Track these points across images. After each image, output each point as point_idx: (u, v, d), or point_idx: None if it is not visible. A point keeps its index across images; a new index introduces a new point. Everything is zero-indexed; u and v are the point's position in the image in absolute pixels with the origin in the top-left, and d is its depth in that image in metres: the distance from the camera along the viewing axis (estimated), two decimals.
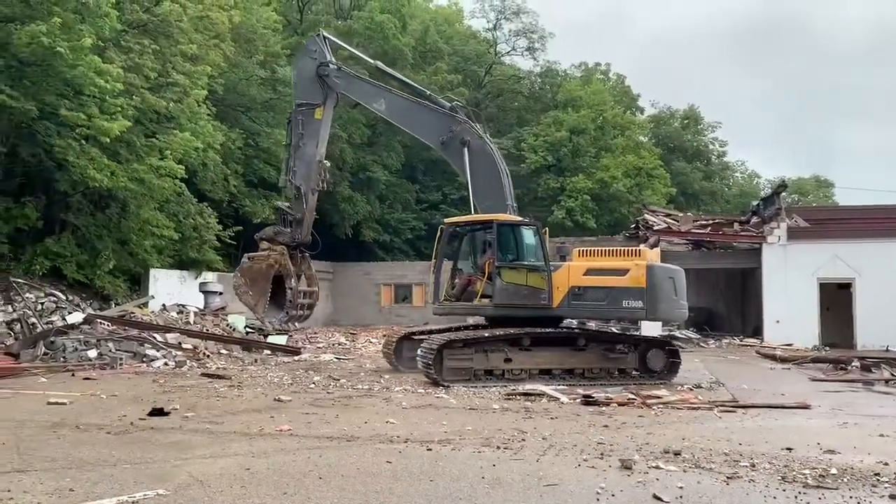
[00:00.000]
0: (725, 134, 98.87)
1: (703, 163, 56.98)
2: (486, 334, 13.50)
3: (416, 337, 15.64)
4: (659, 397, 11.49)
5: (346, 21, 36.56)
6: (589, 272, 13.75)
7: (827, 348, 22.57)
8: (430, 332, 15.33)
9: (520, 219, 14.91)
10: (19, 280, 18.29)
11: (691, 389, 12.96)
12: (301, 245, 15.91)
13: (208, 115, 22.39)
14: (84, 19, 17.01)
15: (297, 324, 17.41)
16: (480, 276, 14.15)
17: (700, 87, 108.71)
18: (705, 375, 15.31)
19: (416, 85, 17.64)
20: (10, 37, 16.39)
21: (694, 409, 10.82)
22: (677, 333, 25.94)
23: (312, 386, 13.08)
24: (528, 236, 14.50)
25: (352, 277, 35.36)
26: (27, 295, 17.94)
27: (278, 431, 8.55)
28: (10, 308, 17.32)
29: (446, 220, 15.32)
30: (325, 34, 16.95)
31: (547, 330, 13.80)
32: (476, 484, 6.17)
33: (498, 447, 7.69)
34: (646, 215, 30.97)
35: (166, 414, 9.54)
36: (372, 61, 18.47)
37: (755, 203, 31.85)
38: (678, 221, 29.97)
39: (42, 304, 18.18)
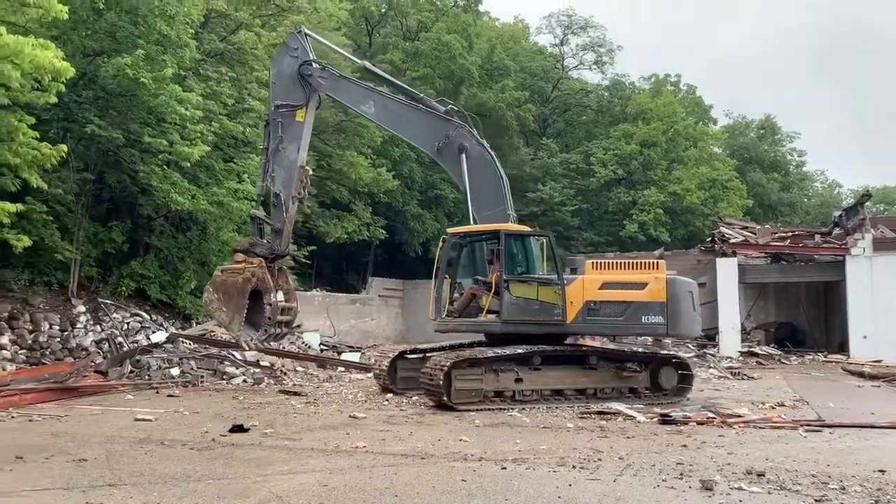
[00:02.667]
0: (804, 144, 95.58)
1: (781, 173, 55.15)
2: (498, 352, 12.46)
3: (409, 356, 14.79)
4: (740, 416, 11.15)
5: (413, 43, 37.09)
6: (605, 286, 12.97)
7: None
8: (424, 351, 14.36)
9: (529, 229, 14.24)
10: (107, 301, 19.11)
11: (774, 408, 12.52)
12: (279, 257, 14.66)
13: None
14: (166, 50, 17.77)
15: (273, 343, 15.95)
16: (485, 290, 13.20)
17: (775, 98, 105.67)
18: (788, 393, 14.78)
19: (408, 87, 16.58)
20: (99, 70, 17.26)
21: (777, 428, 10.45)
22: (757, 350, 25.16)
23: (386, 403, 13.20)
24: (538, 248, 13.75)
25: (422, 295, 35.54)
26: (114, 315, 18.73)
27: (354, 448, 8.66)
28: (98, 328, 18.12)
29: (449, 230, 14.24)
30: (307, 31, 15.81)
31: (558, 347, 13.08)
32: None
33: (573, 467, 7.60)
34: (722, 228, 30.18)
35: (246, 430, 9.79)
36: (359, 61, 17.49)
37: (837, 214, 30.71)
38: (756, 234, 29.10)
39: (128, 323, 18.95)
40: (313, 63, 14.82)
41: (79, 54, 17.09)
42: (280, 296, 14.29)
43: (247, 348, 15.13)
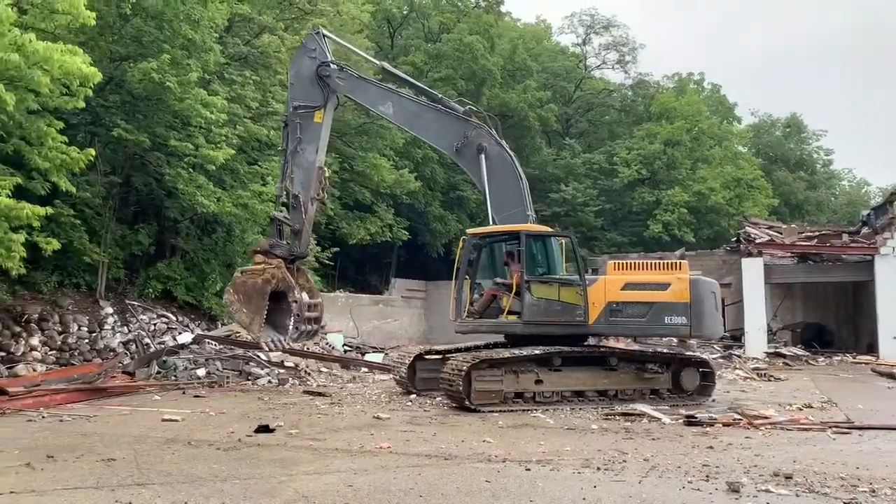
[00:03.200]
0: (831, 142, 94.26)
1: (808, 172, 54.50)
2: (516, 353, 12.37)
3: (428, 357, 14.75)
4: (767, 417, 11.04)
5: (435, 44, 37.15)
6: (627, 286, 12.88)
7: None
8: (442, 352, 14.31)
9: (550, 229, 14.11)
10: (134, 302, 19.36)
11: (801, 409, 12.37)
12: (298, 258, 14.65)
13: None
14: (191, 55, 17.97)
15: (305, 340, 15.94)
16: (505, 291, 13.12)
17: (801, 98, 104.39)
18: (816, 394, 14.59)
19: (426, 88, 16.46)
20: (125, 74, 17.50)
21: (805, 430, 10.33)
22: (784, 350, 24.87)
23: (409, 403, 13.24)
24: (558, 248, 13.68)
25: (444, 296, 35.50)
26: (141, 317, 18.96)
27: (378, 449, 8.70)
28: (126, 329, 18.36)
29: (469, 231, 14.13)
30: (325, 32, 15.66)
31: (576, 348, 12.98)
32: None
33: (598, 468, 7.57)
34: (747, 228, 29.87)
35: (272, 431, 9.88)
36: (377, 62, 17.42)
37: (866, 213, 30.26)
38: (782, 233, 28.76)
39: (155, 325, 19.16)
40: (331, 64, 14.76)
41: (106, 59, 17.35)
42: (304, 294, 14.23)
43: (267, 349, 14.88)
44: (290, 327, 13.99)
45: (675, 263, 13.53)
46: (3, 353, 15.19)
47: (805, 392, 14.88)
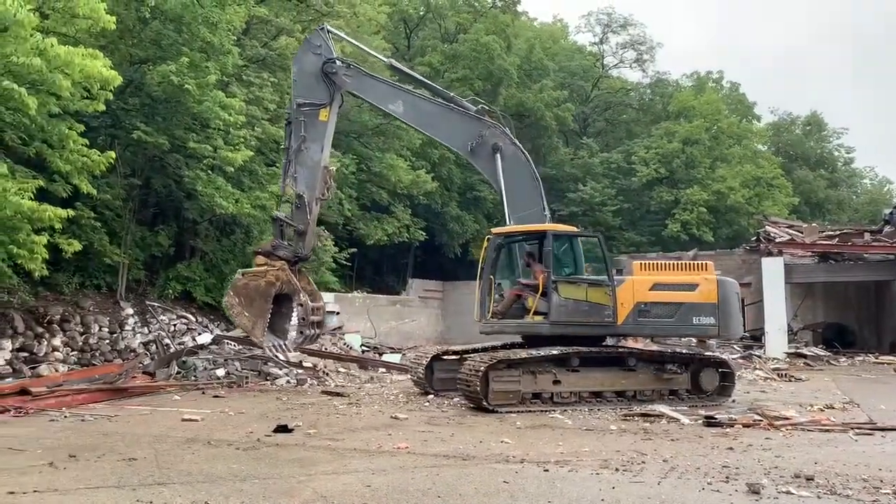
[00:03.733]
0: (852, 141, 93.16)
1: (828, 170, 53.93)
2: (534, 353, 12.27)
3: (445, 358, 14.70)
4: (787, 418, 10.93)
5: (452, 45, 37.16)
6: (656, 287, 12.83)
7: None
8: (458, 352, 14.32)
9: (575, 229, 13.96)
10: (154, 303, 19.54)
11: (822, 410, 12.24)
12: (302, 259, 14.29)
13: None
14: (209, 57, 18.11)
15: (309, 345, 15.69)
16: (530, 291, 12.95)
17: (821, 97, 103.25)
18: (837, 395, 14.43)
19: (437, 87, 16.10)
20: (144, 77, 17.68)
21: (826, 431, 10.21)
22: (804, 351, 24.62)
23: (427, 404, 13.25)
24: (586, 248, 13.63)
25: (462, 296, 35.57)
26: (161, 317, 19.13)
27: (396, 449, 8.72)
28: (146, 330, 18.54)
29: (493, 230, 13.76)
30: (330, 28, 15.31)
31: (594, 349, 12.89)
32: None
33: (617, 469, 7.53)
34: (767, 227, 29.61)
35: (290, 431, 9.92)
36: (385, 59, 16.93)
37: (888, 211, 29.89)
38: (802, 233, 28.49)
39: (174, 325, 19.34)
40: (337, 61, 14.40)
41: (125, 62, 17.53)
42: (307, 297, 13.97)
43: (270, 354, 14.51)
44: (294, 332, 13.82)
45: (702, 264, 13.52)
46: (26, 354, 15.38)
47: (826, 393, 14.72)
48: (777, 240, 27.29)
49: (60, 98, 12.87)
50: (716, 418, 10.84)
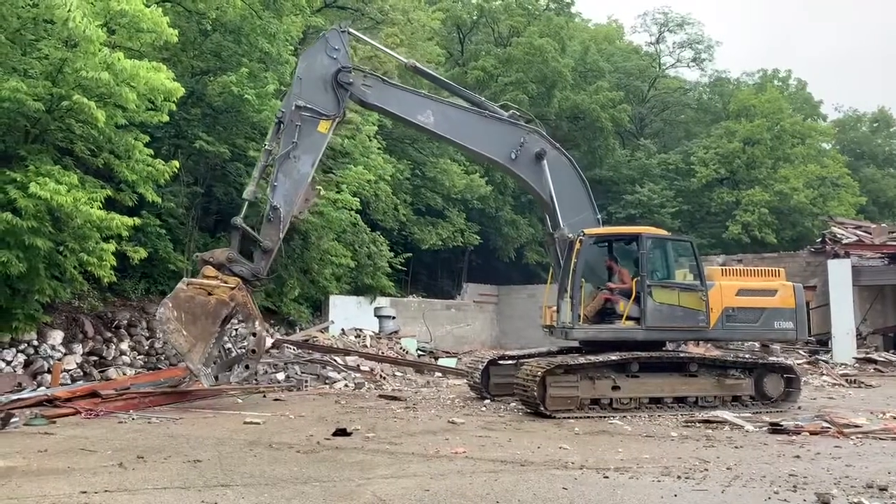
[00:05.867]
0: None
1: None
2: (592, 359, 12.04)
3: (501, 363, 14.63)
4: (858, 426, 10.56)
5: (505, 48, 37.08)
6: (741, 292, 13.05)
7: None
8: (515, 357, 14.31)
9: (668, 233, 13.94)
10: None
11: (895, 418, 11.78)
12: (259, 281, 12.77)
13: (379, 148, 23.48)
14: (267, 67, 18.50)
15: (250, 381, 14.26)
16: (620, 295, 12.84)
17: (887, 95, 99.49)
18: None
19: (463, 89, 14.88)
20: (206, 88, 18.15)
21: None
22: (875, 356, 23.74)
23: (483, 409, 13.24)
24: (676, 252, 13.51)
25: (517, 301, 35.47)
26: None
27: (454, 453, 8.73)
28: None
29: (586, 231, 13.07)
30: (351, 30, 13.72)
31: (654, 354, 12.65)
32: None
33: (679, 476, 7.39)
34: (833, 228, 28.67)
35: (349, 434, 10.03)
36: (405, 60, 15.25)
37: None
38: (871, 233, 27.48)
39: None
40: (353, 70, 13.11)
41: (187, 74, 18.02)
42: (262, 328, 12.63)
43: (206, 384, 12.56)
44: (239, 366, 12.46)
45: (775, 270, 13.83)
46: (95, 358, 15.91)
47: None
48: (844, 241, 26.40)
49: (126, 110, 13.29)
50: (781, 425, 10.55)
